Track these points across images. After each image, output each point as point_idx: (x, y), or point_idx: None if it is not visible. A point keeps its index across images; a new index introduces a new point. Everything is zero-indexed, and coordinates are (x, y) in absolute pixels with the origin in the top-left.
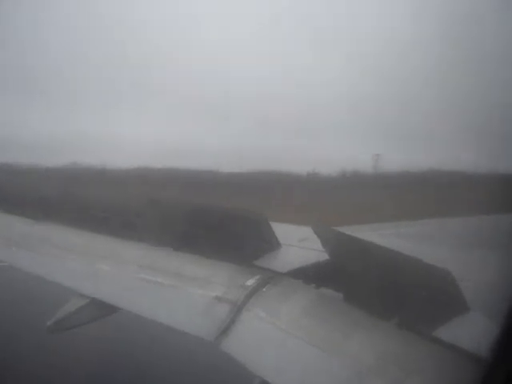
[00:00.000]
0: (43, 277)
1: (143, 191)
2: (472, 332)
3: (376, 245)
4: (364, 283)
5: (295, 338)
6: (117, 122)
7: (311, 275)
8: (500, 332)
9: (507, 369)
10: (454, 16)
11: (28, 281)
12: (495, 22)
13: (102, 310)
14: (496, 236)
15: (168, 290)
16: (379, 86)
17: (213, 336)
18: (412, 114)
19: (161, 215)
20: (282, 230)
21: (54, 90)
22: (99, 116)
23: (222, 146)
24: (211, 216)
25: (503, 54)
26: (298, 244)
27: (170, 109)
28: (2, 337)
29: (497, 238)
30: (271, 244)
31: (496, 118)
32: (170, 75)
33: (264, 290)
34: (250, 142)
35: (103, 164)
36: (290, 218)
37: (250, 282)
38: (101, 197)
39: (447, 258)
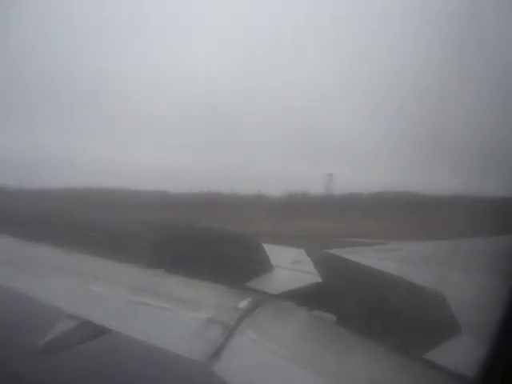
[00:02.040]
0: (35, 297)
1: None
2: (463, 354)
3: (368, 267)
4: (357, 306)
5: (287, 361)
6: (110, 144)
7: (304, 297)
8: (491, 354)
9: None
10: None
11: (20, 301)
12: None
13: (93, 331)
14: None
15: (160, 312)
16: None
17: (205, 358)
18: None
19: (153, 237)
20: (275, 252)
21: (49, 110)
22: (92, 138)
23: (169, 167)
24: (204, 238)
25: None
26: (290, 266)
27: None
28: None
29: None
30: (264, 266)
31: (462, 134)
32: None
33: (256, 312)
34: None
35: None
36: None
37: (243, 304)
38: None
39: (437, 279)
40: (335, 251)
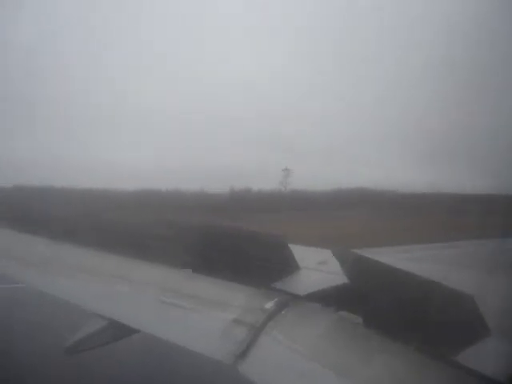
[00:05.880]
0: (61, 298)
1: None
2: (493, 357)
3: (395, 268)
4: (383, 307)
5: (313, 362)
6: (128, 147)
7: (330, 298)
8: None
9: None
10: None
11: (47, 302)
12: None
13: (120, 331)
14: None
15: (186, 312)
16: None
17: (231, 359)
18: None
19: (180, 237)
20: (301, 253)
21: (57, 117)
22: (114, 141)
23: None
24: (231, 238)
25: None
26: (317, 267)
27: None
28: (20, 358)
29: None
30: (290, 267)
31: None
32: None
33: (282, 313)
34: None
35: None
36: None
37: (269, 305)
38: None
39: (465, 280)
40: (361, 251)
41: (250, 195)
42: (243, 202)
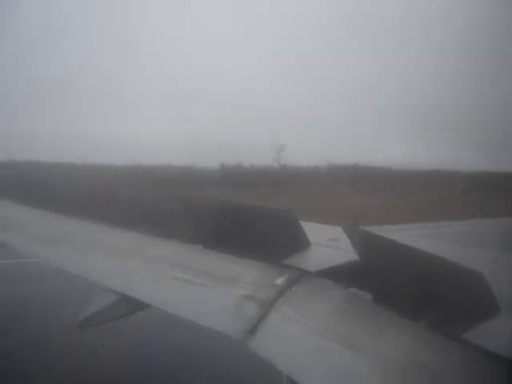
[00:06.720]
0: (73, 272)
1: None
2: (503, 335)
3: (406, 245)
4: (394, 284)
5: (323, 338)
6: (140, 122)
7: (341, 275)
8: None
9: None
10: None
11: (59, 277)
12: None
13: (132, 306)
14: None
15: (197, 288)
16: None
17: (241, 334)
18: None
19: (191, 212)
20: (312, 229)
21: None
22: (123, 118)
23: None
24: (241, 214)
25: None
26: (328, 243)
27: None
28: (34, 332)
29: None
30: (301, 243)
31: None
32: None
33: (293, 289)
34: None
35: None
36: None
37: (279, 281)
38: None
39: (475, 258)
40: (372, 229)
41: (242, 170)
42: (235, 178)
